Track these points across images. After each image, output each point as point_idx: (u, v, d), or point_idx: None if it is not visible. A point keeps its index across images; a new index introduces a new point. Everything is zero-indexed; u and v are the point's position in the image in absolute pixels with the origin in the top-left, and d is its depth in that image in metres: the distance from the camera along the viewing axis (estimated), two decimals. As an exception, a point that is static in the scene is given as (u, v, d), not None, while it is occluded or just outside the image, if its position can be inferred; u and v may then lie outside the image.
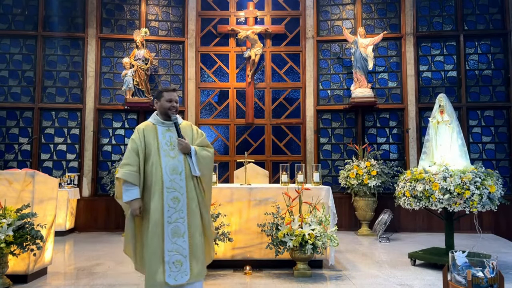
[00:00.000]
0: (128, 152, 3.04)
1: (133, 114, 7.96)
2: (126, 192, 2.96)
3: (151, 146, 3.05)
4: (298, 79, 8.22)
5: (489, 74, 7.80)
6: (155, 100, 3.22)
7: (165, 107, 3.15)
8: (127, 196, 2.96)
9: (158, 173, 2.99)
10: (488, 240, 6.56)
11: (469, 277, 2.55)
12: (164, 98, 3.16)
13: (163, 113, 3.17)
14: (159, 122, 3.17)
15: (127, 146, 3.10)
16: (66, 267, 4.84)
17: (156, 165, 3.00)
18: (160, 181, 2.97)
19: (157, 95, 3.23)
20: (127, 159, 3.02)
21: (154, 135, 3.09)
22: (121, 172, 2.97)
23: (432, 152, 4.93)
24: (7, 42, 7.80)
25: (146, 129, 3.12)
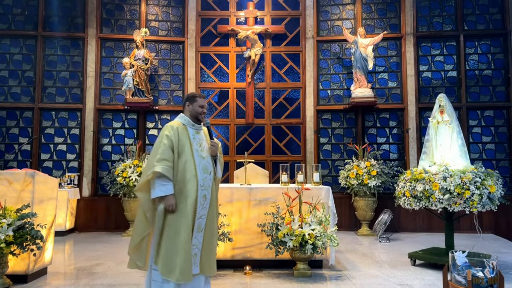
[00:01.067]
0: (164, 148, 3.05)
1: (133, 114, 7.96)
2: (161, 187, 2.97)
3: (184, 144, 3.14)
4: (298, 79, 8.22)
5: (489, 74, 7.80)
6: (187, 103, 3.33)
7: (198, 112, 3.31)
8: (161, 191, 2.97)
9: (192, 171, 3.08)
10: (488, 240, 6.56)
11: (469, 277, 2.55)
12: (198, 103, 3.31)
13: (194, 117, 3.31)
14: (190, 124, 3.29)
15: (160, 142, 3.08)
16: (66, 267, 4.84)
17: (189, 163, 3.10)
18: (195, 178, 3.07)
19: (189, 98, 3.34)
20: (163, 154, 3.03)
21: (187, 135, 3.20)
22: (160, 167, 2.97)
23: (432, 152, 4.93)
24: (7, 42, 7.80)
25: (179, 128, 3.20)
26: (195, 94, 3.38)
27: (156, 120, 8.02)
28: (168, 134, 3.11)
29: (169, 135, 3.11)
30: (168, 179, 3.00)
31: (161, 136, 3.12)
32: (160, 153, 3.04)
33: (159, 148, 3.06)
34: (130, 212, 7.11)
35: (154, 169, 2.96)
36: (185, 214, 3.02)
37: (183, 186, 3.05)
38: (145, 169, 3.09)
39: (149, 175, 2.98)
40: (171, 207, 2.99)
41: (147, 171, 3.02)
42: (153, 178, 2.99)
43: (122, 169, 6.99)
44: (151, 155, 3.10)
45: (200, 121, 3.32)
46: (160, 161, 3.00)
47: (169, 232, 2.99)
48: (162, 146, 3.06)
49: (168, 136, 3.10)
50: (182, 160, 3.09)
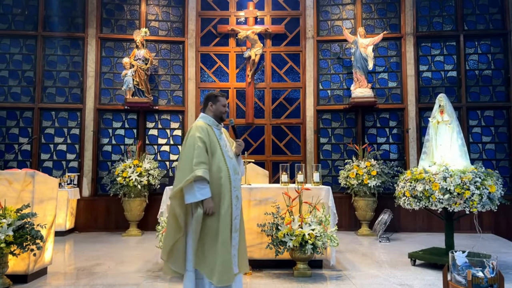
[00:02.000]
0: (200, 150, 2.97)
1: (133, 114, 7.96)
2: (201, 191, 2.91)
3: (215, 145, 3.09)
4: (298, 79, 8.22)
5: (489, 74, 7.80)
6: (210, 103, 3.23)
7: (221, 111, 3.24)
8: (201, 195, 2.91)
9: (225, 172, 3.05)
10: (488, 240, 6.56)
11: (469, 277, 2.54)
12: (221, 102, 3.23)
13: (218, 117, 3.24)
14: (214, 124, 3.22)
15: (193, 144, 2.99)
16: (66, 267, 4.84)
17: (222, 164, 3.06)
18: (228, 180, 3.06)
19: (211, 98, 3.24)
20: (201, 157, 2.96)
21: (215, 136, 3.14)
22: (201, 171, 2.90)
23: (432, 152, 4.93)
24: (7, 42, 7.80)
25: (208, 129, 3.13)
26: (217, 94, 3.28)
27: (156, 120, 8.02)
28: (201, 136, 3.02)
29: (202, 137, 3.02)
30: (207, 182, 2.95)
31: (193, 138, 3.02)
32: (197, 156, 2.95)
33: (193, 151, 2.97)
34: (130, 212, 7.11)
35: (196, 173, 2.88)
36: (223, 216, 2.99)
37: (218, 188, 3.01)
38: (180, 174, 2.97)
39: (189, 179, 2.88)
40: (211, 210, 2.94)
41: (183, 176, 2.92)
42: (191, 182, 2.91)
43: (122, 169, 6.99)
44: (184, 159, 2.99)
45: (222, 120, 3.27)
46: (198, 165, 2.92)
47: (209, 236, 2.96)
48: (198, 149, 2.97)
49: (201, 138, 3.02)
50: (215, 162, 3.04)
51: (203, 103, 3.33)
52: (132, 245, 6.30)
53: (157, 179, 7.15)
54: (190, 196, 2.92)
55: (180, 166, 3.02)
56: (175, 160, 7.93)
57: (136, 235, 7.05)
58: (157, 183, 7.18)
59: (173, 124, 8.04)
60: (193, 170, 2.90)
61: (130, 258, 5.33)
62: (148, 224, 7.27)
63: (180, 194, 2.96)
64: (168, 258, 3.02)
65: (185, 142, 3.08)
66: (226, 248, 2.96)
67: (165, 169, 7.82)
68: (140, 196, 7.13)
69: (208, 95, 3.31)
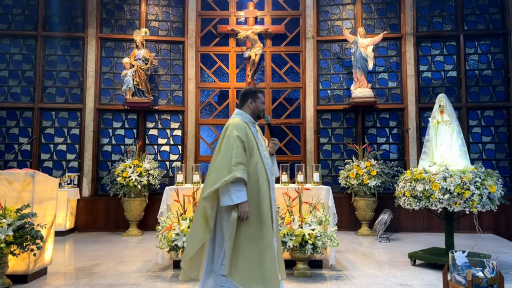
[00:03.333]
0: (239, 150, 2.82)
1: (133, 114, 7.96)
2: (237, 193, 2.75)
3: (253, 145, 2.93)
4: (298, 79, 8.22)
5: (489, 74, 7.80)
6: (250, 100, 3.07)
7: (260, 109, 3.11)
8: (238, 198, 2.75)
9: (263, 174, 2.92)
10: (488, 240, 6.56)
11: (469, 277, 2.55)
12: (260, 100, 3.10)
13: (256, 114, 3.10)
14: (251, 122, 3.07)
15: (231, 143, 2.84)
16: (66, 267, 4.84)
17: (260, 166, 2.92)
18: (266, 181, 2.92)
19: (251, 94, 3.09)
20: (240, 157, 2.80)
21: (252, 134, 2.98)
22: (240, 172, 2.75)
23: (432, 152, 4.93)
24: (7, 42, 7.80)
25: (246, 127, 2.97)
26: (255, 90, 3.12)
27: (156, 120, 8.02)
28: (239, 135, 2.86)
29: (240, 136, 2.86)
30: (244, 184, 2.79)
31: (232, 137, 2.86)
32: (235, 156, 2.79)
33: (232, 150, 2.80)
34: (130, 212, 7.11)
35: (235, 175, 2.73)
36: (264, 220, 2.83)
37: (256, 190, 2.85)
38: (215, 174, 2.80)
39: (227, 180, 2.72)
40: (246, 215, 2.77)
41: (220, 177, 2.75)
42: (228, 183, 2.74)
43: (122, 169, 6.99)
44: (222, 158, 2.82)
45: (260, 118, 3.12)
46: (237, 165, 2.76)
47: (249, 241, 2.78)
48: (236, 148, 2.81)
49: (239, 137, 2.86)
50: (253, 163, 2.88)
51: (240, 99, 3.15)
52: (132, 245, 6.30)
53: (157, 179, 7.16)
54: (226, 199, 2.76)
55: (216, 166, 2.84)
56: (175, 160, 7.93)
57: (136, 235, 7.05)
58: (157, 183, 7.18)
59: (173, 124, 8.04)
60: (231, 170, 2.74)
61: (130, 258, 5.33)
62: (148, 224, 7.28)
63: (213, 195, 2.81)
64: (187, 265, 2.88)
65: (222, 141, 2.90)
66: (271, 254, 2.79)
67: (165, 169, 7.83)
68: (140, 196, 7.13)
69: (246, 91, 3.13)
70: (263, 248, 2.79)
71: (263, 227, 2.82)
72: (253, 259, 2.77)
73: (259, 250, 2.78)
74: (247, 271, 2.74)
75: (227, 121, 3.04)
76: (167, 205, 4.71)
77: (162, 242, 4.35)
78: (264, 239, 2.81)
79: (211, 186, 2.78)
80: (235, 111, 3.13)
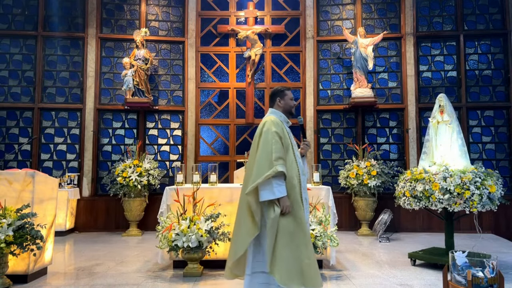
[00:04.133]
0: (278, 145, 2.82)
1: (133, 114, 7.96)
2: (278, 187, 2.75)
3: (288, 142, 2.93)
4: (298, 79, 8.21)
5: (489, 74, 7.80)
6: (278, 99, 3.09)
7: (291, 106, 3.10)
8: (280, 192, 2.75)
9: (296, 172, 2.90)
10: (488, 240, 6.56)
11: (469, 277, 2.55)
12: (288, 96, 3.09)
13: (288, 111, 3.09)
14: (285, 120, 3.07)
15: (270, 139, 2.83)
16: (66, 267, 4.84)
17: (294, 164, 2.90)
18: (298, 180, 2.90)
19: (278, 93, 3.10)
20: (278, 152, 2.80)
21: (287, 132, 2.98)
22: (282, 166, 2.75)
23: (432, 152, 4.93)
24: (7, 42, 7.80)
25: (282, 124, 2.97)
26: (283, 88, 3.12)
27: (156, 120, 8.02)
28: (277, 131, 2.86)
29: (278, 132, 2.86)
30: (284, 178, 2.79)
31: (270, 133, 2.85)
32: (275, 151, 2.78)
33: (271, 145, 2.80)
34: (130, 212, 7.11)
35: (278, 169, 2.72)
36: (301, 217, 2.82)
37: (292, 188, 2.83)
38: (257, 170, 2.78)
39: (269, 174, 2.71)
40: (288, 208, 2.76)
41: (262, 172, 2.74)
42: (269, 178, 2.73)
43: (122, 169, 6.99)
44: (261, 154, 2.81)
45: (292, 115, 3.13)
46: (277, 160, 2.76)
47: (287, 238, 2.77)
48: (276, 143, 2.81)
49: (277, 133, 2.85)
50: (289, 160, 2.87)
51: (269, 98, 3.18)
52: (132, 245, 6.30)
53: (157, 179, 7.16)
54: (267, 193, 2.74)
55: (257, 162, 2.81)
56: (175, 160, 7.93)
57: (136, 235, 7.05)
58: (157, 183, 7.18)
59: (173, 124, 8.04)
60: (272, 165, 2.73)
61: (130, 258, 5.33)
62: (148, 224, 7.28)
63: (256, 191, 2.80)
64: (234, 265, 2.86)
65: (259, 138, 2.89)
66: (309, 251, 2.78)
67: (165, 169, 7.83)
68: (140, 196, 7.13)
69: (273, 91, 3.14)
70: (301, 245, 2.77)
71: (301, 224, 2.82)
72: (291, 256, 2.74)
73: (297, 247, 2.76)
74: (286, 268, 2.72)
75: (262, 120, 3.03)
76: (167, 205, 4.71)
77: (162, 242, 4.35)
78: (304, 237, 2.80)
79: (254, 182, 2.77)
80: (269, 110, 3.13)
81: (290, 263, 2.73)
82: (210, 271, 4.52)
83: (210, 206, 4.48)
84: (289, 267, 2.73)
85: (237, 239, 2.88)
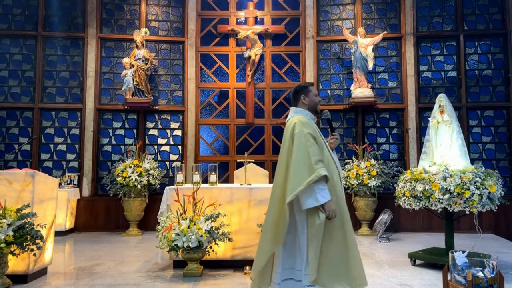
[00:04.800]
0: (316, 148, 2.68)
1: (133, 114, 7.96)
2: (321, 192, 2.59)
3: (321, 141, 2.80)
4: (298, 79, 8.21)
5: (489, 74, 7.80)
6: (302, 96, 2.94)
7: (316, 102, 2.98)
8: (323, 197, 2.59)
9: (335, 171, 2.79)
10: (488, 240, 6.56)
11: (469, 277, 2.54)
12: (313, 92, 2.96)
13: (313, 109, 2.97)
14: (312, 118, 2.94)
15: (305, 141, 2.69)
16: (66, 267, 4.84)
17: (331, 162, 2.79)
18: (339, 178, 2.80)
19: (303, 90, 2.96)
20: (317, 155, 2.65)
21: (318, 130, 2.85)
22: (324, 169, 2.59)
23: (432, 152, 4.93)
24: (7, 42, 7.80)
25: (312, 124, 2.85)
26: (305, 84, 2.99)
27: (156, 120, 8.02)
28: (310, 132, 2.73)
29: (311, 133, 2.73)
30: (326, 182, 2.63)
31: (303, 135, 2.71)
32: (313, 154, 2.63)
33: (306, 148, 2.65)
34: (130, 212, 7.11)
35: (320, 173, 2.56)
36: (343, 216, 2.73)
37: (332, 188, 2.69)
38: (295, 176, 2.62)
39: (312, 180, 2.56)
40: (334, 213, 2.62)
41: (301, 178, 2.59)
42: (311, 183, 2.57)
43: (122, 169, 6.99)
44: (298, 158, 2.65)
45: (317, 113, 3.01)
46: (317, 163, 2.61)
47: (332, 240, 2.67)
48: (311, 146, 2.67)
49: (311, 134, 2.72)
50: (325, 160, 2.72)
51: (292, 97, 3.03)
52: (132, 245, 6.30)
53: (157, 179, 7.16)
54: (310, 200, 2.58)
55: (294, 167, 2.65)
56: (175, 160, 7.93)
57: (136, 235, 7.05)
58: (157, 183, 7.18)
59: (173, 124, 8.04)
60: (313, 169, 2.57)
61: (130, 258, 5.33)
62: (148, 224, 7.27)
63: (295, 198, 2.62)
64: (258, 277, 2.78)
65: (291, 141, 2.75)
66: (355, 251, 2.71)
67: (165, 169, 7.82)
68: (140, 196, 7.13)
69: (296, 88, 2.99)
70: (346, 246, 2.70)
71: (344, 225, 2.73)
72: (337, 258, 2.66)
73: (342, 249, 2.68)
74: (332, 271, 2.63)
75: (288, 121, 2.90)
76: (167, 205, 4.71)
77: (162, 242, 4.35)
78: (347, 237, 2.72)
79: (293, 190, 2.59)
80: (292, 110, 2.98)
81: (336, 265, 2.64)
82: (210, 271, 4.52)
83: (210, 206, 4.49)
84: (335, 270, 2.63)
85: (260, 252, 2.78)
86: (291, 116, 2.93)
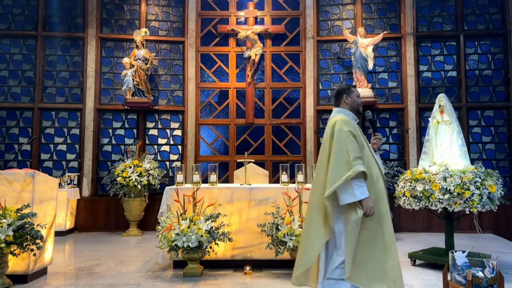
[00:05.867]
0: (355, 145, 2.70)
1: (133, 114, 7.96)
2: (359, 189, 2.62)
3: (362, 140, 2.82)
4: (298, 79, 8.21)
5: (489, 74, 7.80)
6: (345, 96, 2.98)
7: (358, 103, 3.01)
8: (361, 193, 2.62)
9: (376, 169, 2.81)
10: (488, 240, 6.56)
11: (469, 277, 2.54)
12: (355, 93, 3.01)
13: (355, 109, 3.00)
14: (354, 118, 2.97)
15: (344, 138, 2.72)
16: (66, 267, 4.84)
17: (372, 160, 2.81)
18: (381, 177, 2.81)
19: (345, 91, 3.00)
20: (356, 152, 2.68)
21: (359, 130, 2.88)
22: (362, 166, 2.63)
23: (432, 152, 4.93)
24: (7, 42, 7.80)
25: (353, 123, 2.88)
26: (349, 86, 3.05)
27: (156, 120, 8.02)
28: (351, 130, 2.75)
29: (352, 131, 2.76)
30: (364, 178, 2.67)
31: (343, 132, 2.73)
32: (352, 151, 2.67)
33: (346, 145, 2.69)
34: (130, 212, 7.11)
35: (358, 169, 2.60)
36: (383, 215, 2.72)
37: (371, 186, 2.71)
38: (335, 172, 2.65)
39: (349, 175, 2.60)
40: (371, 210, 2.63)
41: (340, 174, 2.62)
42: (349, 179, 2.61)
43: (122, 169, 7.00)
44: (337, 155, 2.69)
45: (359, 113, 3.03)
46: (356, 160, 2.64)
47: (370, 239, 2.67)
48: (351, 143, 2.70)
49: (351, 132, 2.74)
50: (365, 159, 2.74)
51: (334, 98, 3.06)
52: (132, 245, 6.30)
53: (157, 179, 7.16)
54: (348, 196, 2.62)
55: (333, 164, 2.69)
56: (175, 160, 7.93)
57: (136, 235, 7.05)
58: (157, 183, 7.19)
59: (173, 124, 8.04)
60: (351, 165, 2.62)
61: (130, 258, 5.33)
62: (148, 224, 7.27)
63: (333, 194, 2.67)
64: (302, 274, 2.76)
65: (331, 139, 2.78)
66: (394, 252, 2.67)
67: (165, 169, 7.83)
68: (140, 196, 7.13)
69: (339, 89, 3.04)
70: (384, 246, 2.68)
71: (383, 224, 2.72)
72: (374, 257, 2.65)
73: (380, 248, 2.67)
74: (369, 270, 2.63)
75: (330, 120, 2.93)
76: (167, 205, 4.71)
77: (162, 242, 4.35)
78: (385, 236, 2.69)
79: (332, 185, 2.64)
80: (335, 110, 3.02)
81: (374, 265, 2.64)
82: (210, 271, 4.52)
83: (210, 206, 4.49)
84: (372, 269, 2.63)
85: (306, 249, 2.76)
86: (333, 116, 2.97)
